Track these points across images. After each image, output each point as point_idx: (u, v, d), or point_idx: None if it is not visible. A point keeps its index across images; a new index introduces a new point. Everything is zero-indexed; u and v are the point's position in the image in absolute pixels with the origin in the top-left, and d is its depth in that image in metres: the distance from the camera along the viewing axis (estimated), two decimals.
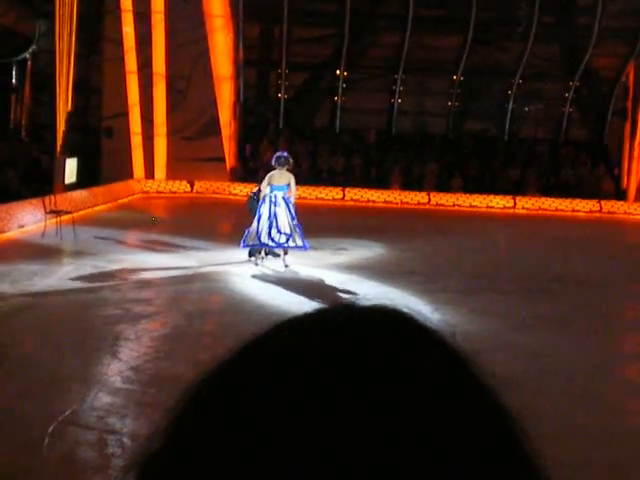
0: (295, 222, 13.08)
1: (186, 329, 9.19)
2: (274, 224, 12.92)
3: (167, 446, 0.58)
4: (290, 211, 13.06)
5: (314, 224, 16.73)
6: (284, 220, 12.96)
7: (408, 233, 17.79)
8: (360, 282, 12.09)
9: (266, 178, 13.19)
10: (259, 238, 13.01)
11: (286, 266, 13.04)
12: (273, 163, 13.25)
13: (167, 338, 8.86)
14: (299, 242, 13.09)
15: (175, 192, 24.53)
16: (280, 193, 13.02)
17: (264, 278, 12.41)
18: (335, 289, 11.58)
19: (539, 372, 7.89)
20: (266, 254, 13.45)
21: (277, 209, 12.96)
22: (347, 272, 12.88)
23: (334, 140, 27.15)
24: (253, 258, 13.29)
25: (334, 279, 12.24)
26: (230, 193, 24.41)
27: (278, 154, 13.35)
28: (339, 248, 15.35)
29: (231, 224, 18.53)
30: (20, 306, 9.87)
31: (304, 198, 23.90)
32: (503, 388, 0.60)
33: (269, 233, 12.95)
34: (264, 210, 13.02)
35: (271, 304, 10.40)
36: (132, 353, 8.18)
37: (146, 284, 11.60)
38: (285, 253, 13.23)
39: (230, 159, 25.64)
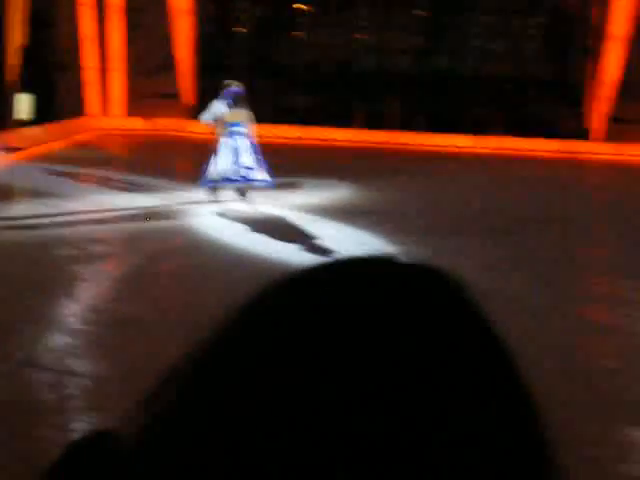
0: (258, 157, 12.98)
1: (145, 269, 9.13)
2: (236, 158, 12.79)
3: (165, 414, 0.55)
4: (252, 143, 12.96)
5: (275, 164, 16.59)
6: (246, 154, 12.85)
7: (371, 173, 17.75)
8: (323, 222, 12.08)
9: (223, 112, 12.94)
10: (220, 174, 12.88)
11: (250, 204, 12.95)
12: (226, 101, 12.97)
13: (126, 279, 8.80)
14: (262, 175, 12.98)
15: (132, 129, 24.17)
16: (239, 128, 12.88)
17: (226, 217, 12.34)
18: (298, 229, 11.55)
19: (502, 315, 7.96)
20: (239, 194, 13.26)
21: (238, 143, 12.83)
22: (310, 212, 12.85)
23: (294, 77, 26.87)
24: (212, 196, 13.19)
25: (297, 219, 12.21)
26: (189, 131, 24.12)
27: (232, 90, 13.05)
28: (301, 188, 15.29)
29: (191, 163, 18.32)
30: None
31: (265, 137, 23.68)
32: None
33: (231, 167, 12.82)
34: (224, 145, 12.87)
35: (235, 244, 10.36)
36: (89, 294, 8.12)
37: (104, 223, 11.49)
38: (247, 190, 13.10)
39: (187, 96, 25.29)
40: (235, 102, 12.94)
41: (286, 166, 17.52)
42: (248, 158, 12.84)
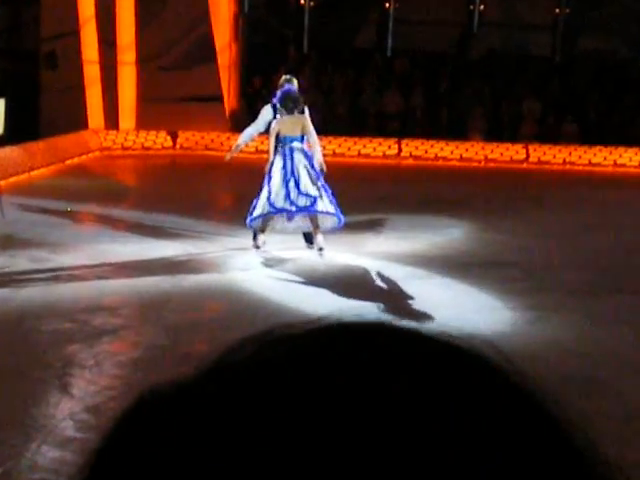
0: (322, 183, 13.17)
1: (168, 350, 9.23)
2: (293, 183, 12.99)
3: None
4: (313, 166, 13.17)
5: (357, 193, 16.66)
6: (306, 177, 13.05)
7: (496, 206, 17.71)
8: (426, 279, 12.08)
9: (273, 123, 13.31)
10: (271, 204, 13.05)
11: (320, 250, 13.10)
12: (278, 104, 13.38)
13: (141, 364, 8.91)
14: (330, 207, 13.12)
15: (150, 148, 24.57)
16: (297, 144, 13.16)
17: (282, 272, 12.44)
18: (387, 289, 11.58)
19: None
20: (306, 240, 13.49)
21: (296, 163, 13.07)
22: (406, 264, 12.87)
23: (385, 68, 27.07)
24: (260, 240, 13.36)
25: (387, 274, 12.23)
26: (230, 148, 24.41)
27: (284, 90, 13.40)
28: (393, 229, 15.33)
29: (233, 195, 18.56)
30: None
31: (341, 155, 23.83)
32: None
33: (287, 195, 12.99)
34: (277, 167, 13.15)
35: (293, 312, 10.40)
36: (90, 387, 8.25)
37: (110, 285, 11.68)
38: (316, 227, 13.22)
39: (230, 98, 25.64)
40: (287, 106, 13.21)
41: (371, 196, 17.59)
42: (308, 182, 13.02)
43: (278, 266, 12.75)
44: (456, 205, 17.43)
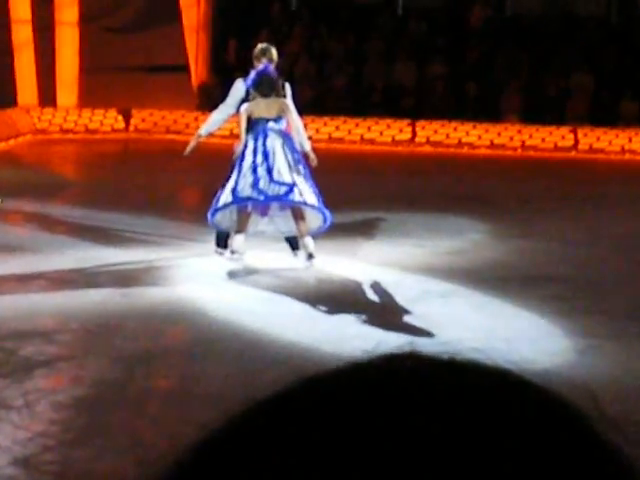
0: (303, 169, 13.28)
1: (119, 387, 9.22)
2: (264, 169, 13.08)
3: None
4: (294, 149, 13.36)
5: (359, 189, 16.66)
6: (282, 162, 13.16)
7: (536, 205, 17.72)
8: (449, 298, 12.09)
9: (243, 107, 13.50)
10: (235, 194, 13.11)
11: (309, 257, 13.13)
12: (251, 88, 13.54)
13: (84, 404, 8.89)
14: (311, 199, 13.17)
15: (96, 131, 24.58)
16: (273, 124, 13.43)
17: (260, 288, 12.44)
18: (389, 308, 11.55)
19: None
20: (291, 246, 13.52)
21: (270, 145, 13.25)
22: (422, 278, 12.89)
23: (394, 30, 27.10)
24: (224, 249, 13.41)
25: (398, 291, 12.23)
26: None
27: (259, 71, 13.66)
28: (406, 234, 15.33)
29: (201, 189, 18.54)
30: None
31: (339, 140, 23.84)
32: None
33: (255, 182, 13.06)
34: (249, 149, 13.31)
35: (275, 340, 10.39)
36: (19, 433, 8.22)
37: (45, 303, 11.64)
38: (301, 219, 13.23)
39: (198, 68, 25.66)
40: (262, 92, 13.37)
41: (377, 192, 17.58)
42: (284, 168, 13.11)
43: (255, 280, 12.76)
44: (485, 204, 17.44)
